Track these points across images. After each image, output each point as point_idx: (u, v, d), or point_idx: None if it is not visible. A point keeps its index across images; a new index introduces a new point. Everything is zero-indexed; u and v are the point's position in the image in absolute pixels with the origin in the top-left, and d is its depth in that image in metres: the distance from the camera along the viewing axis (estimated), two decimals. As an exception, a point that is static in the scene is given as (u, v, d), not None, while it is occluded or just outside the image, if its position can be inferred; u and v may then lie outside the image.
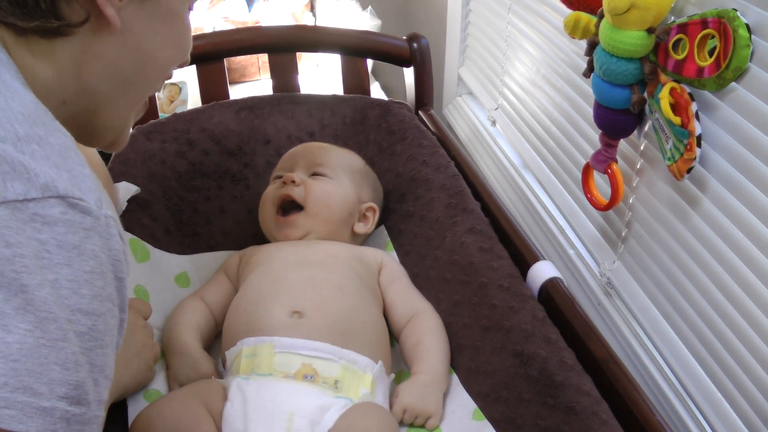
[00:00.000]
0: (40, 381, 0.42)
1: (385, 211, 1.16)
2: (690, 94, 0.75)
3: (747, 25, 0.68)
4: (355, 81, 1.34)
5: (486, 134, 1.45)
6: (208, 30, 1.68)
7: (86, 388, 0.45)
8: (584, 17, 0.87)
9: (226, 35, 1.29)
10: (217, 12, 1.85)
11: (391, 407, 0.87)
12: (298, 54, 1.49)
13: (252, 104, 1.25)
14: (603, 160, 0.93)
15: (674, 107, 0.76)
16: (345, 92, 1.34)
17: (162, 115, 1.25)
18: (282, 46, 1.29)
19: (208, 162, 1.18)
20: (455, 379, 0.92)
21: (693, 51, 0.74)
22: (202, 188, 1.16)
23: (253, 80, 1.87)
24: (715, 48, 0.71)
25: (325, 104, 1.28)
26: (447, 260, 0.99)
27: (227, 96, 1.29)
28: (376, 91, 1.82)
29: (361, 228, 1.10)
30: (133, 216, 1.05)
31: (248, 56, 1.79)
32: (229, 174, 1.19)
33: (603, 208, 0.98)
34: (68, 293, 0.45)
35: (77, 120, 0.57)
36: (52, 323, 0.43)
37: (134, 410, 0.83)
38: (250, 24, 1.84)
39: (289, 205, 1.06)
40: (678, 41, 0.76)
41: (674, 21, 0.77)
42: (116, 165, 1.09)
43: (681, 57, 0.75)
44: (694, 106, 0.74)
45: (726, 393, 0.79)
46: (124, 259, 0.50)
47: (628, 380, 0.76)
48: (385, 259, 1.06)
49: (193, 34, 0.65)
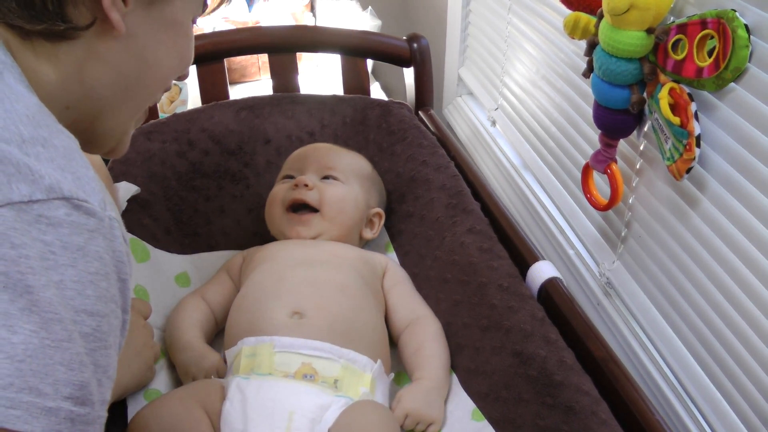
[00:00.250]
0: (45, 381, 0.42)
1: (385, 212, 1.16)
2: (689, 95, 0.75)
3: (746, 26, 0.68)
4: (355, 81, 1.34)
5: (486, 134, 1.45)
6: (208, 30, 1.68)
7: (90, 389, 0.45)
8: (584, 17, 0.88)
9: (226, 35, 1.29)
10: (217, 12, 1.85)
11: (392, 410, 0.87)
12: (298, 54, 1.49)
13: (252, 104, 1.25)
14: (602, 161, 0.93)
15: (673, 107, 0.76)
16: (345, 92, 1.34)
17: (162, 115, 1.25)
18: (282, 47, 1.29)
19: (208, 162, 1.18)
20: (454, 380, 0.92)
21: (692, 51, 0.74)
22: (202, 188, 1.16)
23: (253, 80, 1.87)
24: (715, 48, 0.71)
25: (325, 104, 1.28)
26: (447, 260, 0.99)
27: (227, 96, 1.29)
28: (376, 92, 1.81)
29: (368, 233, 1.11)
30: (134, 216, 1.05)
31: (248, 56, 1.79)
32: (229, 174, 1.19)
33: (602, 208, 0.98)
34: (73, 294, 0.45)
35: (79, 126, 0.57)
36: (57, 324, 0.44)
37: (134, 410, 0.83)
38: (250, 24, 1.84)
39: (300, 206, 1.06)
40: (677, 41, 0.77)
41: (673, 21, 0.78)
42: (116, 165, 1.09)
43: (680, 57, 0.76)
44: (694, 107, 0.75)
45: (725, 393, 0.79)
46: (128, 261, 0.50)
47: (628, 380, 0.76)
48: (390, 264, 1.07)
49: (194, 35, 0.66)
